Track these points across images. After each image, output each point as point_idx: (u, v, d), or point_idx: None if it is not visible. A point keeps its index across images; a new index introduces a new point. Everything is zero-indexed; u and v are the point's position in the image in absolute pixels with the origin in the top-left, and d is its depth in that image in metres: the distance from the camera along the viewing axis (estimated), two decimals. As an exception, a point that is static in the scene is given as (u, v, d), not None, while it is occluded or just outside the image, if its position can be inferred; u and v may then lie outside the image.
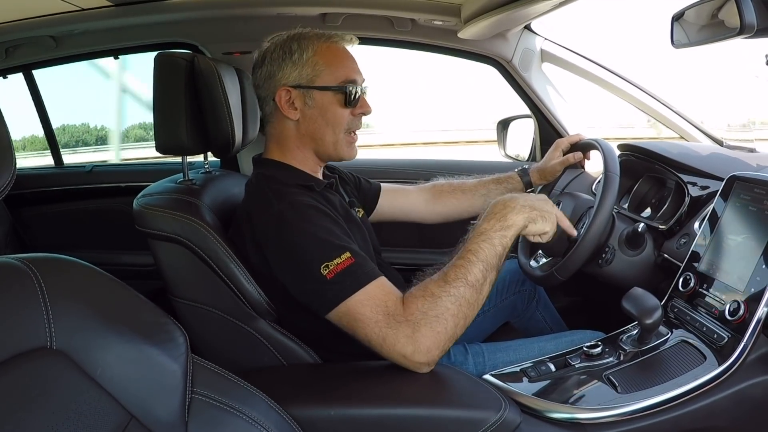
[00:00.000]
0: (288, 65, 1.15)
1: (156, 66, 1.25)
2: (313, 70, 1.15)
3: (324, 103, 1.15)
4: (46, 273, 0.63)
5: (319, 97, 1.15)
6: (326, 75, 1.15)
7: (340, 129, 1.17)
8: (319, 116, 1.16)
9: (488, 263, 0.98)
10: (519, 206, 1.03)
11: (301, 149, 1.19)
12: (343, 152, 1.20)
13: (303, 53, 1.15)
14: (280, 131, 1.20)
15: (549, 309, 1.65)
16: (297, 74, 1.15)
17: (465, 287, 0.96)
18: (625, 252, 1.25)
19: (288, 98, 1.15)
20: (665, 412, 0.90)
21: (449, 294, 0.95)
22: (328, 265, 0.98)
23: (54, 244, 2.16)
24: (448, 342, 0.96)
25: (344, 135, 1.18)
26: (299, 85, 1.15)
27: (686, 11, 1.13)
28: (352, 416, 0.92)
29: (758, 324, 0.92)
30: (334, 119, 1.16)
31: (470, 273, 0.97)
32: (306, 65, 1.15)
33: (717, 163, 1.37)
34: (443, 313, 0.94)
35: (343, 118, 1.17)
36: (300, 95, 1.15)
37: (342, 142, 1.19)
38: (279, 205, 1.06)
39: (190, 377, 0.70)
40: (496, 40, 1.89)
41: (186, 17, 1.88)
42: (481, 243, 1.00)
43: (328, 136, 1.17)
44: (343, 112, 1.17)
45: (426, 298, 0.96)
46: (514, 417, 0.90)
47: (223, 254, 1.12)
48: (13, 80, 2.15)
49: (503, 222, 1.01)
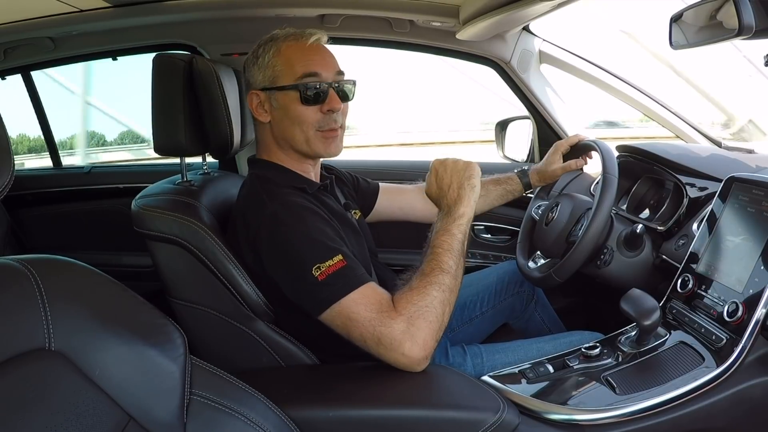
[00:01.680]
0: (255, 69, 1.17)
1: (154, 67, 1.25)
2: (273, 71, 1.15)
3: (285, 102, 1.14)
4: (44, 274, 0.63)
5: (280, 97, 1.15)
6: (285, 74, 1.14)
7: (307, 127, 1.15)
8: (284, 117, 1.15)
9: (454, 250, 1.04)
10: (455, 196, 1.10)
11: (282, 150, 1.20)
12: (318, 149, 1.17)
13: (266, 56, 1.15)
14: (260, 134, 1.22)
15: (547, 310, 1.65)
16: (261, 77, 1.16)
17: (442, 274, 1.01)
18: (623, 253, 1.25)
19: (258, 102, 1.16)
20: (664, 413, 0.90)
21: (431, 283, 0.99)
22: (320, 266, 0.98)
23: (52, 245, 2.16)
24: (440, 331, 0.98)
25: (315, 132, 1.16)
26: (264, 88, 1.16)
27: (685, 12, 1.14)
28: (351, 417, 0.92)
29: (756, 325, 0.92)
30: (297, 118, 1.14)
31: (442, 262, 1.02)
32: (267, 67, 1.15)
33: (715, 165, 1.37)
34: (432, 301, 0.97)
35: (307, 116, 1.14)
36: (266, 98, 1.16)
37: (314, 139, 1.16)
38: (272, 205, 1.06)
39: (188, 378, 0.70)
40: (495, 42, 1.89)
41: (184, 18, 1.87)
42: (442, 237, 1.06)
43: (297, 135, 1.16)
44: (304, 109, 1.14)
45: (413, 291, 0.99)
46: (513, 418, 0.90)
47: (221, 255, 1.12)
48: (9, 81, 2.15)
49: (453, 215, 1.08)
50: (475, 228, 2.03)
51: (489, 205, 1.55)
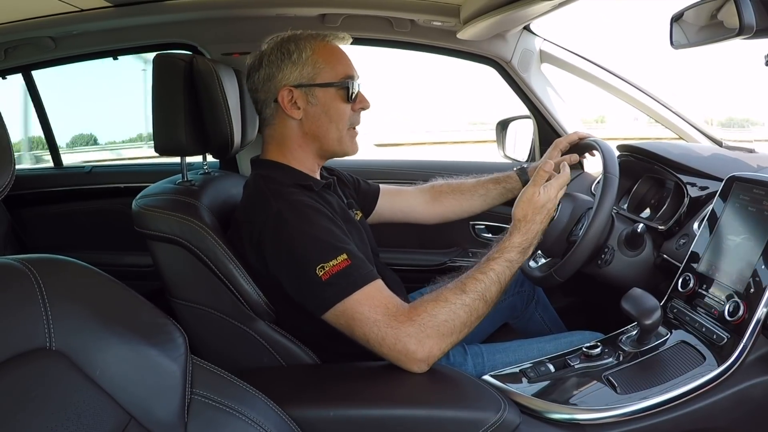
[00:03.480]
0: (288, 65, 1.16)
1: (155, 67, 1.25)
2: (313, 69, 1.16)
3: (326, 99, 1.17)
4: (45, 274, 0.63)
5: (321, 94, 1.16)
6: (327, 72, 1.16)
7: (343, 125, 1.19)
8: (322, 113, 1.17)
9: (504, 285, 1.04)
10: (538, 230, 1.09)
11: (302, 148, 1.20)
12: (347, 147, 1.21)
13: (302, 53, 1.16)
14: (282, 132, 1.20)
15: (548, 310, 1.65)
16: (298, 73, 1.16)
17: (480, 302, 1.00)
18: (624, 252, 1.25)
19: (291, 98, 1.16)
20: (665, 412, 0.90)
21: (464, 303, 0.98)
22: (324, 266, 0.98)
23: (53, 244, 2.16)
24: (449, 346, 0.98)
25: (346, 130, 1.20)
26: (301, 84, 1.16)
27: (685, 12, 1.13)
28: (351, 417, 0.92)
29: (758, 324, 0.92)
30: (337, 115, 1.17)
31: (488, 291, 1.01)
32: (306, 64, 1.16)
33: (716, 164, 1.37)
34: (454, 319, 0.97)
35: (346, 113, 1.18)
36: (302, 94, 1.16)
37: (345, 137, 1.20)
38: (277, 204, 1.06)
39: (189, 378, 0.70)
40: (495, 41, 1.89)
41: (185, 18, 1.88)
42: (506, 266, 1.04)
43: (332, 132, 1.18)
44: (345, 107, 1.18)
45: (438, 302, 0.98)
46: (514, 418, 0.90)
47: (221, 255, 1.12)
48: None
49: (527, 247, 1.08)
50: (476, 227, 2.03)
51: (489, 205, 1.55)
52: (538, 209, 1.08)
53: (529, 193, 1.10)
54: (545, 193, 1.09)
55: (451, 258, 2.02)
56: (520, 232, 1.07)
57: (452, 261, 2.00)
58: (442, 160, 2.27)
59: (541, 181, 1.11)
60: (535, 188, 1.10)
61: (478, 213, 1.57)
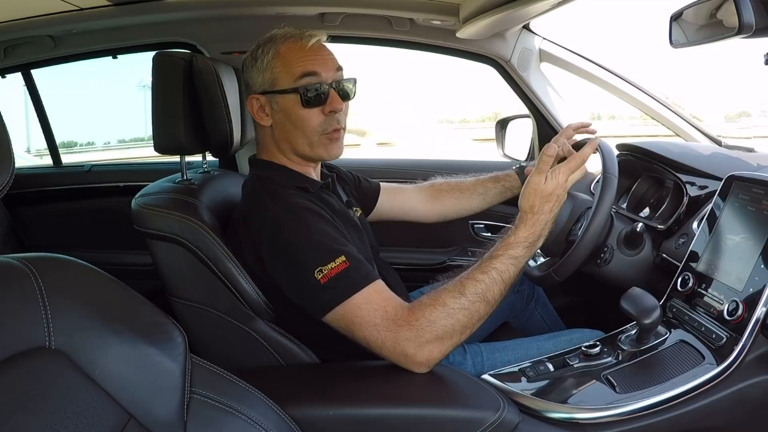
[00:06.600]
0: (254, 72, 1.14)
1: (155, 65, 1.25)
2: (272, 74, 1.12)
3: (287, 106, 1.12)
4: (44, 272, 0.63)
5: (281, 101, 1.12)
6: (283, 77, 1.11)
7: (310, 131, 1.12)
8: (286, 120, 1.13)
9: (509, 283, 1.00)
10: (546, 220, 1.03)
11: (284, 153, 1.18)
12: (321, 153, 1.15)
13: (264, 58, 1.12)
14: (261, 137, 1.20)
15: (547, 309, 1.65)
16: (261, 80, 1.13)
17: (480, 303, 0.97)
18: (623, 252, 1.25)
19: (259, 106, 1.14)
20: (664, 412, 0.90)
21: (463, 307, 0.96)
22: (322, 269, 0.97)
23: (52, 243, 2.15)
24: (451, 349, 0.97)
25: (318, 136, 1.13)
26: (264, 91, 1.13)
27: (685, 11, 1.14)
28: (351, 416, 0.92)
29: (757, 324, 0.92)
30: (300, 122, 1.12)
31: (489, 291, 0.97)
32: (266, 70, 1.12)
33: (715, 163, 1.37)
34: (453, 324, 0.95)
35: (310, 119, 1.11)
36: (267, 101, 1.14)
37: (317, 143, 1.14)
38: (274, 207, 1.05)
39: (188, 377, 0.70)
40: (495, 40, 1.89)
41: (185, 17, 1.88)
42: (510, 264, 1.00)
43: (300, 138, 1.14)
44: (307, 113, 1.11)
45: (437, 307, 0.95)
46: (513, 417, 0.90)
47: (221, 254, 1.11)
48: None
49: (534, 241, 1.02)
50: (475, 227, 2.03)
51: (488, 203, 1.55)
52: (546, 197, 1.02)
53: (534, 181, 1.03)
54: (553, 179, 1.02)
55: (451, 257, 2.02)
56: (526, 225, 1.02)
57: (451, 260, 2.00)
58: (442, 159, 2.27)
59: (545, 167, 1.04)
60: (540, 176, 1.03)
61: (477, 212, 1.57)
